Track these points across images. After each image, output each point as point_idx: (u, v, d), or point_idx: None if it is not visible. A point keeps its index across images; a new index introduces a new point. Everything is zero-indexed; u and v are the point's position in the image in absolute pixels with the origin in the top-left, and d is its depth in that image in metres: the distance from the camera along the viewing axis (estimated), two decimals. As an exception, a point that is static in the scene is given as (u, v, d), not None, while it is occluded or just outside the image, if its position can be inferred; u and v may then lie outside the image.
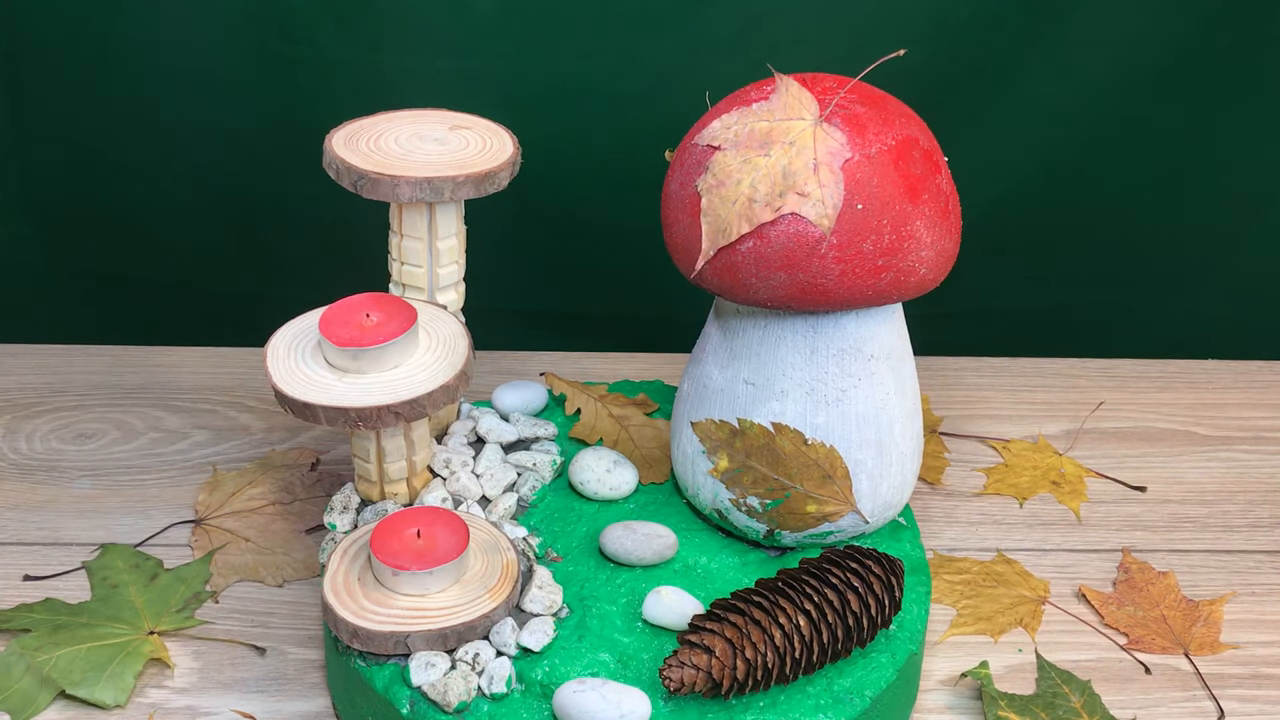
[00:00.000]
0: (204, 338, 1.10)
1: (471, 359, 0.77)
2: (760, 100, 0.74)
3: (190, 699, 0.79)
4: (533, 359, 1.06)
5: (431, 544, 0.73)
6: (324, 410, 0.73)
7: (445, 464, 0.83)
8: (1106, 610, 0.87)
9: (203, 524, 0.91)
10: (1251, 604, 0.88)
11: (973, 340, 1.12)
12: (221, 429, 1.00)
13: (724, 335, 0.79)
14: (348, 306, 0.77)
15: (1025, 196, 1.12)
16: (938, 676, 0.82)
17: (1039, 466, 0.99)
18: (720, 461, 0.79)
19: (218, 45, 1.03)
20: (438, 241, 0.81)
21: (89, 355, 1.07)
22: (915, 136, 0.74)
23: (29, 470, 0.96)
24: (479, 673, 0.71)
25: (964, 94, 1.07)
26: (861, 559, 0.74)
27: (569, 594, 0.77)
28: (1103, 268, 1.16)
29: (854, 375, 0.76)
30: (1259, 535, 0.94)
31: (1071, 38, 1.05)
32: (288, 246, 1.13)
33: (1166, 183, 1.12)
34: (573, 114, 1.07)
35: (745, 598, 0.72)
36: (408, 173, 0.78)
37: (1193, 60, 1.06)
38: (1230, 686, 0.82)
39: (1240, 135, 1.10)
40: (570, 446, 0.88)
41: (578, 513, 0.83)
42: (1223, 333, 1.15)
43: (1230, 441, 1.03)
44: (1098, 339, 1.15)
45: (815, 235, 0.71)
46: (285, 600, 0.86)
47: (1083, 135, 1.09)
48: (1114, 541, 0.93)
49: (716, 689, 0.70)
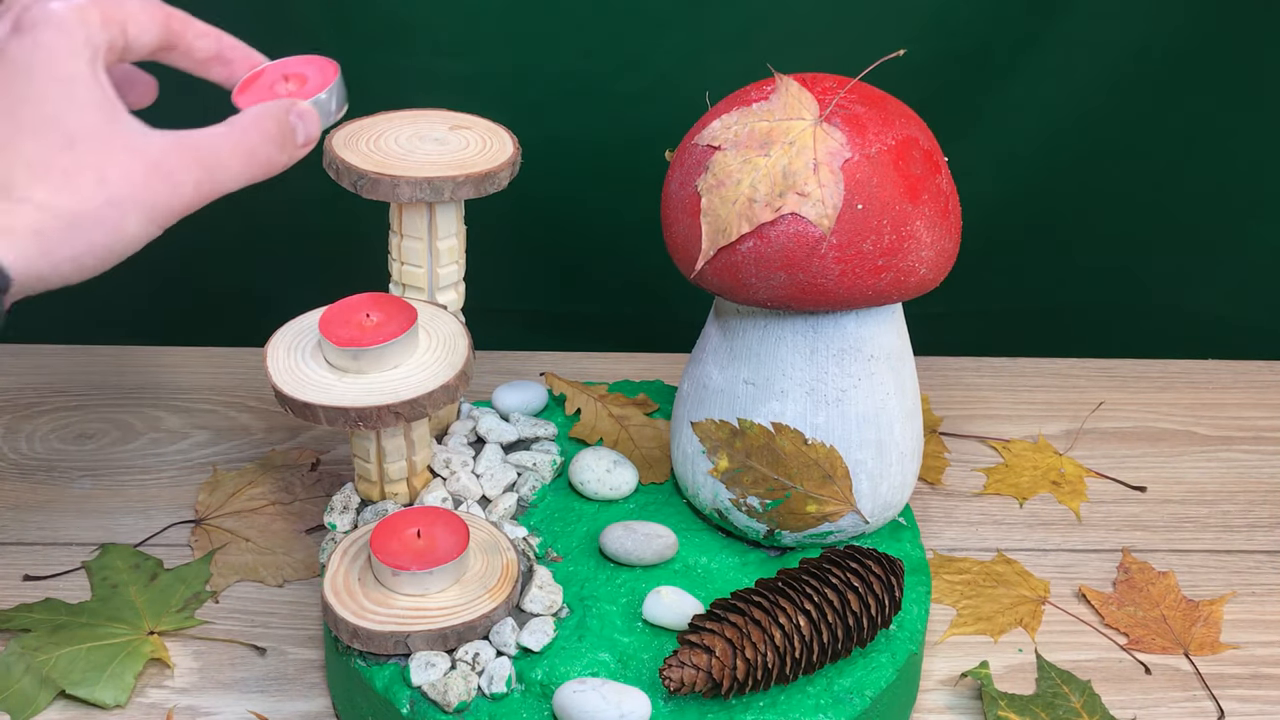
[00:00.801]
0: (204, 338, 1.09)
1: (471, 359, 0.77)
2: (760, 100, 0.74)
3: (190, 699, 0.79)
4: (533, 359, 1.06)
5: (431, 544, 0.73)
6: (324, 410, 0.73)
7: (445, 464, 0.83)
8: (1106, 610, 0.87)
9: (203, 524, 0.91)
10: (1251, 604, 0.88)
11: (973, 340, 1.12)
12: (221, 429, 1.00)
13: (724, 335, 0.79)
14: (348, 306, 0.77)
15: (1025, 196, 1.12)
16: (938, 676, 0.82)
17: (1039, 466, 0.99)
18: (720, 461, 0.79)
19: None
20: (438, 241, 0.81)
21: (89, 355, 1.07)
22: (915, 136, 0.74)
23: (29, 470, 0.96)
24: (479, 673, 0.71)
25: (964, 94, 1.07)
26: (861, 559, 0.74)
27: (569, 594, 0.77)
28: (1103, 267, 1.16)
29: (854, 375, 0.76)
30: (1259, 535, 0.94)
31: (1071, 38, 1.05)
32: (288, 246, 1.13)
33: (1166, 183, 1.12)
34: (573, 114, 1.07)
35: (745, 598, 0.72)
36: (408, 173, 0.78)
37: (1193, 60, 1.06)
38: (1230, 686, 0.82)
39: (1240, 135, 1.10)
40: (570, 446, 0.88)
41: (578, 513, 0.83)
42: (1223, 333, 1.15)
43: (1230, 441, 1.03)
44: (1098, 339, 1.15)
45: (815, 235, 0.71)
46: (285, 600, 0.86)
47: (1083, 135, 1.09)
48: (1114, 541, 0.93)
49: (716, 689, 0.70)
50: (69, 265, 0.56)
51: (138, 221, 0.57)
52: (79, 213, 0.55)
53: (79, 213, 0.55)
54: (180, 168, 0.59)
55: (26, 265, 0.54)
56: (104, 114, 0.57)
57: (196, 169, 0.59)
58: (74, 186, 0.55)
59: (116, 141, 0.57)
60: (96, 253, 0.56)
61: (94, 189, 0.56)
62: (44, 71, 0.56)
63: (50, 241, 0.54)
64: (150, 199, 0.57)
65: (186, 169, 0.59)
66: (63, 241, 0.55)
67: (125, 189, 0.56)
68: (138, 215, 0.57)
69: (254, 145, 0.63)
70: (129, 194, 0.56)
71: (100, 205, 0.56)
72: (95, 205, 0.55)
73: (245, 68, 0.68)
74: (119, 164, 0.57)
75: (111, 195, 0.56)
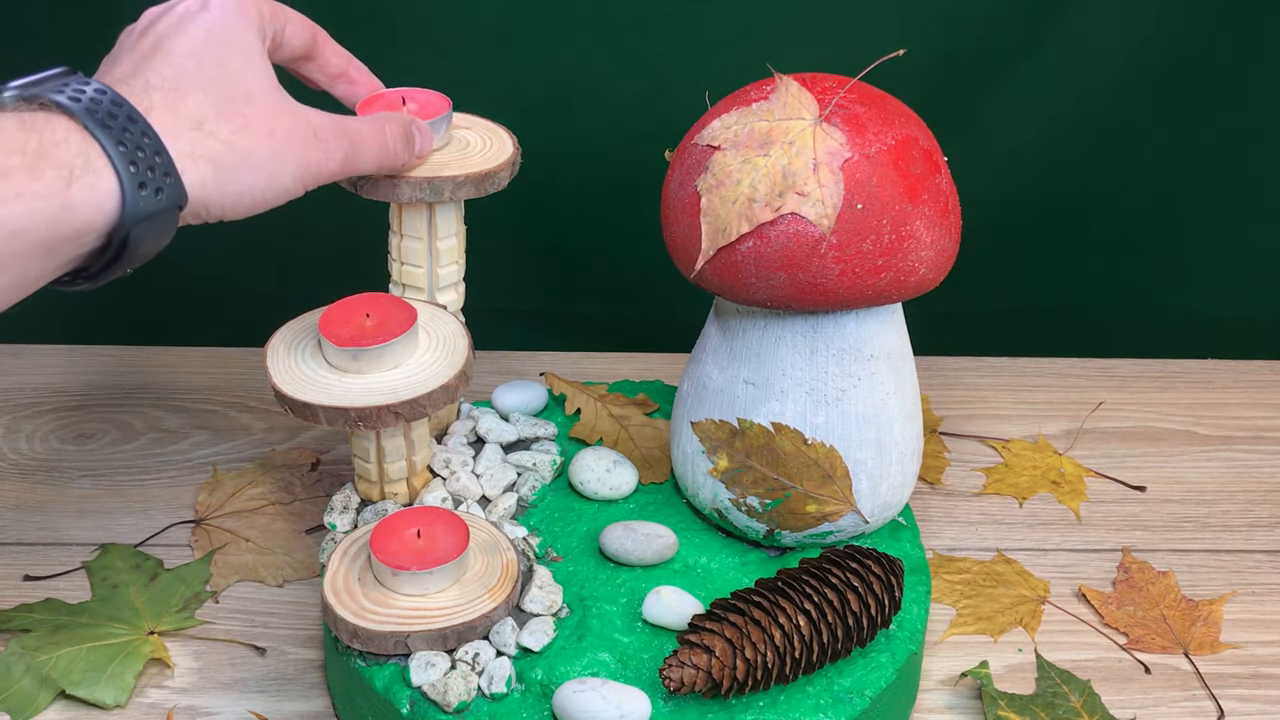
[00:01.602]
0: (204, 338, 1.09)
1: (471, 359, 0.77)
2: (760, 100, 0.74)
3: (190, 699, 0.79)
4: (533, 359, 1.06)
5: (431, 544, 0.73)
6: (324, 410, 0.73)
7: (445, 464, 0.83)
8: (1106, 610, 0.87)
9: (203, 524, 0.91)
10: (1251, 604, 0.88)
11: (973, 340, 1.12)
12: (221, 429, 1.00)
13: (724, 335, 0.79)
14: (348, 306, 0.77)
15: (1025, 196, 1.12)
16: (938, 676, 0.82)
17: (1039, 466, 0.99)
18: (720, 461, 0.79)
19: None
20: (437, 241, 0.81)
21: (89, 355, 1.07)
22: (915, 136, 0.74)
23: (29, 470, 0.96)
24: (479, 673, 0.71)
25: (964, 94, 1.07)
26: (861, 559, 0.74)
27: (569, 594, 0.77)
28: (1103, 268, 1.16)
29: (854, 375, 0.76)
30: (1259, 535, 0.94)
31: (1071, 38, 1.05)
32: (288, 246, 1.13)
33: (1166, 183, 1.12)
34: (573, 114, 1.07)
35: (745, 598, 0.72)
36: (407, 173, 0.78)
37: (1193, 60, 1.06)
38: (1230, 686, 0.82)
39: (1240, 135, 1.10)
40: (570, 446, 0.88)
41: (578, 513, 0.83)
42: (1223, 333, 1.15)
43: (1230, 441, 1.03)
44: (1098, 339, 1.15)
45: (815, 235, 0.71)
46: (285, 600, 0.86)
47: (1082, 135, 1.09)
48: (1114, 541, 0.93)
49: (716, 689, 0.70)
50: (231, 199, 0.64)
51: (293, 175, 0.66)
52: (251, 153, 0.64)
53: (251, 153, 0.64)
54: (334, 139, 0.69)
55: (201, 189, 0.62)
56: (274, 84, 0.67)
57: (345, 143, 0.69)
58: (251, 131, 0.64)
59: (285, 105, 0.67)
60: (255, 193, 0.65)
61: (265, 138, 0.65)
62: (229, 39, 0.66)
63: (224, 172, 0.63)
64: (306, 158, 0.67)
65: (338, 141, 0.69)
66: (233, 176, 0.63)
67: (289, 144, 0.66)
68: (295, 169, 0.66)
69: (388, 139, 0.73)
70: (291, 150, 0.66)
71: (269, 153, 0.65)
72: (266, 152, 0.65)
73: (366, 89, 0.79)
74: (285, 124, 0.66)
75: (278, 147, 0.65)
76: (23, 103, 0.59)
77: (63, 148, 0.58)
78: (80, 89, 0.60)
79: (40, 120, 0.58)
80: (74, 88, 0.60)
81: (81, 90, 0.60)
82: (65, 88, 0.60)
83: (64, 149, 0.58)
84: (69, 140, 0.58)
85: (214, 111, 0.63)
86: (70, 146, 0.58)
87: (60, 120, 0.59)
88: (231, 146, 0.63)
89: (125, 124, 0.60)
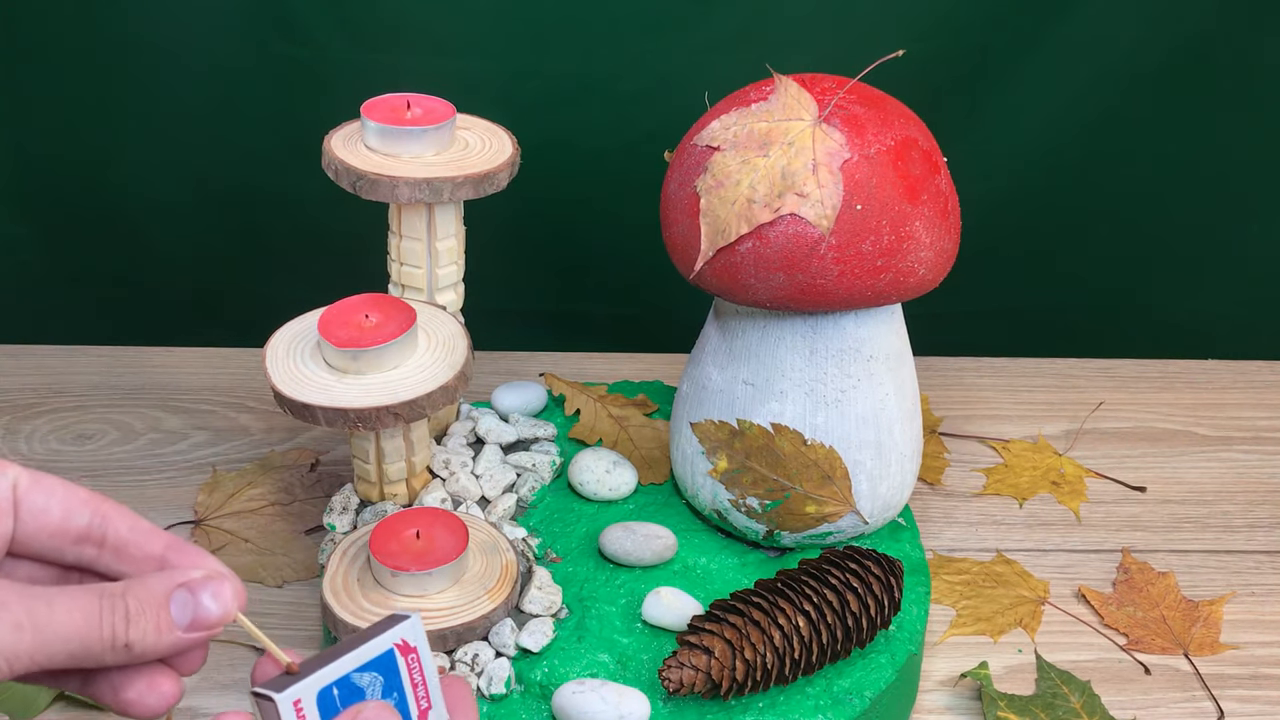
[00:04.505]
0: (204, 338, 1.09)
1: (471, 359, 0.77)
2: (759, 101, 0.74)
3: (190, 699, 0.79)
4: (532, 359, 1.06)
5: (430, 545, 0.73)
6: (323, 411, 0.73)
7: (444, 465, 0.83)
8: (1106, 610, 0.87)
9: (202, 525, 0.91)
10: (1251, 604, 0.88)
11: (973, 340, 1.12)
12: (221, 429, 1.00)
13: (723, 336, 0.79)
14: (347, 307, 0.77)
15: (1025, 196, 1.12)
16: (937, 677, 0.82)
17: (1039, 466, 0.99)
18: (720, 462, 0.79)
19: (217, 45, 1.03)
20: (437, 242, 0.81)
21: (89, 355, 1.07)
22: (914, 137, 0.73)
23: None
24: (478, 674, 0.71)
25: (964, 94, 1.07)
26: (861, 559, 0.74)
27: (568, 595, 0.77)
28: (1102, 268, 1.16)
29: (853, 376, 0.76)
30: (1259, 535, 0.94)
31: (1071, 38, 1.05)
32: (288, 247, 1.13)
33: (1166, 183, 1.12)
34: (573, 114, 1.07)
35: (744, 598, 0.72)
36: (407, 173, 0.78)
37: (1192, 60, 1.06)
38: (1230, 687, 0.82)
39: (1240, 135, 1.10)
40: (570, 447, 0.88)
41: (577, 513, 0.83)
42: (1223, 333, 1.15)
43: (1230, 441, 1.03)
44: (1098, 339, 1.15)
45: (814, 236, 0.71)
46: (285, 600, 0.86)
47: (1083, 135, 1.09)
48: (1114, 542, 0.93)
49: (716, 690, 0.70)
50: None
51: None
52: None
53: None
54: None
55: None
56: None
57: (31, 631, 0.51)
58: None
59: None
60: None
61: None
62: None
63: None
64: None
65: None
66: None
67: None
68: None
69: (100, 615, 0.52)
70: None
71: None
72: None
73: None
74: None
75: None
76: None
77: None
78: None
79: None
80: None
81: None
82: None
83: None
84: None
85: None
86: None
87: None
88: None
89: None
